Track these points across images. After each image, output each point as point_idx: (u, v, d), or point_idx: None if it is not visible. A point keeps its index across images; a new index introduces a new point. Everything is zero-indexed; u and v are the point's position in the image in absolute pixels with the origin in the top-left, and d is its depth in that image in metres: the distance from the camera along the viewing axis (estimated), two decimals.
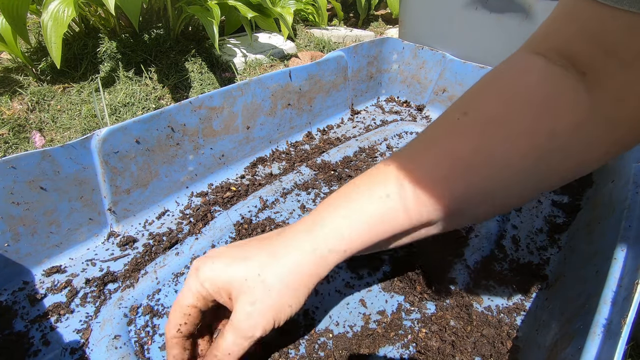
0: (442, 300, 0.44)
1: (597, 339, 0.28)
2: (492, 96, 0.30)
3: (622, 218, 0.39)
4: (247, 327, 0.29)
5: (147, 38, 1.21)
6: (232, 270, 0.30)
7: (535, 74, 0.29)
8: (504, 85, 0.30)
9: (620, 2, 0.23)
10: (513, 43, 0.75)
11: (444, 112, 0.33)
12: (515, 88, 0.29)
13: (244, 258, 0.30)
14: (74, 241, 0.49)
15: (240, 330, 0.29)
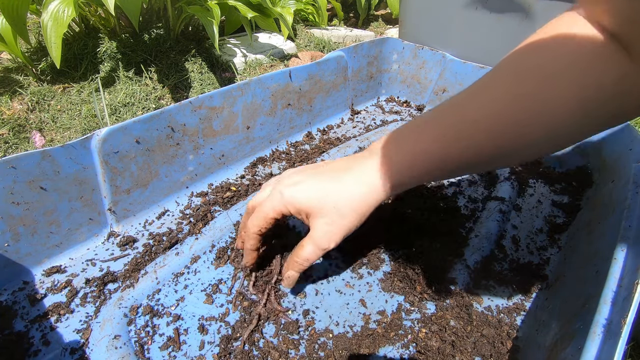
0: (442, 300, 0.44)
1: (597, 339, 0.28)
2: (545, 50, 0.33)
3: (622, 218, 0.39)
4: (324, 241, 0.38)
5: (147, 38, 1.21)
6: (313, 198, 0.37)
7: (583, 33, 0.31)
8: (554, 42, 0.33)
9: None
10: (513, 43, 0.75)
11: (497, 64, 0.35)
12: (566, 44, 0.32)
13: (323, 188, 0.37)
14: (74, 241, 0.49)
15: (318, 243, 0.38)
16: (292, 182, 0.39)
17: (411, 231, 0.53)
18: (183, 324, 0.41)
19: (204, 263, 0.48)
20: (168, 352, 0.39)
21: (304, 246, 0.39)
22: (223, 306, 0.43)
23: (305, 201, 0.37)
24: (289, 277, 0.41)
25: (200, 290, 0.45)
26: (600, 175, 0.60)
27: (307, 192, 0.38)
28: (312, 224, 0.38)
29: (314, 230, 0.38)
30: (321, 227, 0.37)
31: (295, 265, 0.40)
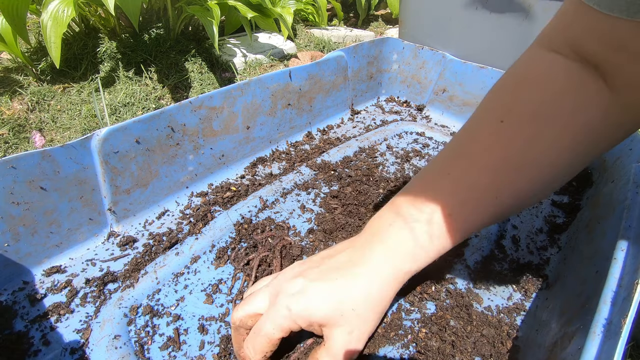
0: (442, 300, 0.44)
1: (597, 339, 0.28)
2: (524, 98, 0.32)
3: (622, 218, 0.39)
4: (345, 353, 0.32)
5: (147, 38, 1.21)
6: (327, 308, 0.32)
7: (559, 72, 0.31)
8: (533, 86, 0.32)
9: (612, 10, 0.25)
10: (513, 43, 0.75)
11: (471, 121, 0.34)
12: (545, 87, 0.31)
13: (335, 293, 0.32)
14: (74, 241, 0.49)
15: (338, 356, 0.32)
16: (296, 290, 0.33)
17: None
18: (183, 324, 0.41)
19: (204, 263, 0.48)
20: (168, 352, 0.39)
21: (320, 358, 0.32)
22: (223, 306, 0.43)
23: (318, 312, 0.32)
24: None
25: (200, 290, 0.45)
26: (600, 175, 0.60)
27: (319, 301, 0.32)
28: (329, 335, 0.32)
29: (332, 341, 0.32)
30: (340, 339, 0.32)
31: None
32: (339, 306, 0.32)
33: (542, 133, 0.30)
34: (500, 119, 0.32)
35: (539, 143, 0.31)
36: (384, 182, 0.62)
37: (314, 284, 0.33)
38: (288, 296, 0.32)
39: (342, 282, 0.33)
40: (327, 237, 0.52)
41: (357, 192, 0.60)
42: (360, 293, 0.32)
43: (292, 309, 0.32)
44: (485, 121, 0.34)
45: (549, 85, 0.31)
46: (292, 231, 0.53)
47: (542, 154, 0.31)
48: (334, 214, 0.55)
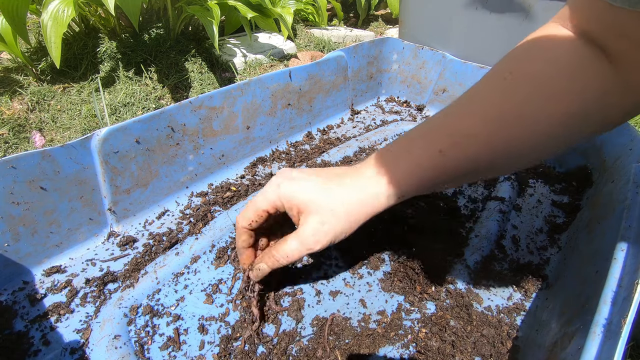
0: (442, 300, 0.44)
1: (597, 339, 0.28)
2: (529, 62, 0.34)
3: (622, 218, 0.39)
4: (311, 240, 0.36)
5: (147, 38, 1.21)
6: (310, 194, 0.36)
7: (566, 45, 0.33)
8: (539, 52, 0.34)
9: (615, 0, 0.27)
10: (513, 43, 0.75)
11: (489, 73, 0.36)
12: (550, 54, 0.33)
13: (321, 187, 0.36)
14: (74, 241, 0.49)
15: (305, 241, 0.36)
16: (290, 177, 0.38)
17: (411, 231, 0.53)
18: (183, 324, 0.41)
19: (204, 263, 0.48)
20: (168, 352, 0.39)
21: (287, 241, 0.37)
22: (223, 306, 0.43)
23: (300, 196, 0.36)
24: (259, 269, 0.39)
25: (200, 290, 0.45)
26: (600, 175, 0.60)
27: (304, 188, 0.36)
28: (302, 221, 0.36)
29: (302, 227, 0.36)
30: (311, 226, 0.36)
31: (271, 259, 0.38)
32: (321, 199, 0.36)
33: (539, 94, 0.32)
34: (503, 77, 0.34)
35: (534, 102, 0.32)
36: None
37: (306, 177, 0.37)
38: (281, 177, 0.38)
39: (329, 184, 0.37)
40: None
41: None
42: (342, 197, 0.36)
43: (281, 187, 0.37)
44: (490, 78, 0.36)
45: (554, 52, 0.33)
46: None
47: (535, 114, 0.32)
48: None
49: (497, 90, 0.34)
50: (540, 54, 0.34)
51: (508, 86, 0.34)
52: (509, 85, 0.33)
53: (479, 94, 0.36)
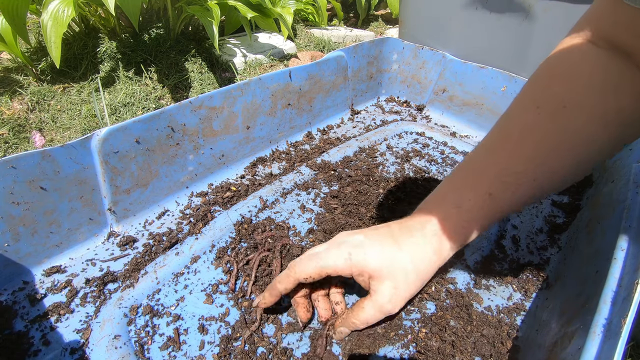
0: (442, 300, 0.44)
1: (597, 339, 0.28)
2: (559, 85, 0.34)
3: (622, 218, 0.39)
4: (389, 306, 0.37)
5: (147, 38, 1.21)
6: (381, 261, 0.36)
7: (589, 60, 0.33)
8: (565, 74, 0.34)
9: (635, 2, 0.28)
10: (513, 43, 0.75)
11: (512, 107, 0.37)
12: (576, 76, 0.33)
13: (389, 252, 0.37)
14: (74, 241, 0.49)
15: (383, 307, 0.37)
16: (357, 242, 0.37)
17: None
18: (183, 324, 0.41)
19: (204, 263, 0.48)
20: (168, 352, 0.39)
21: (364, 308, 0.37)
22: (223, 306, 0.43)
23: (373, 263, 0.36)
24: (341, 333, 0.39)
25: (200, 290, 0.45)
26: (600, 175, 0.60)
27: (375, 255, 0.36)
28: (375, 287, 0.37)
29: (378, 293, 0.36)
30: (387, 292, 0.36)
31: (352, 325, 0.38)
32: (391, 263, 0.36)
33: (573, 121, 0.33)
34: (536, 106, 0.35)
35: (571, 130, 0.33)
36: (384, 182, 0.62)
37: (372, 241, 0.37)
38: (350, 245, 0.37)
39: (396, 246, 0.37)
40: (327, 237, 0.52)
41: (357, 192, 0.60)
42: (411, 258, 0.37)
43: (352, 256, 0.36)
44: (520, 113, 0.37)
45: (576, 75, 0.33)
46: (292, 231, 0.53)
47: (574, 140, 0.33)
48: (334, 214, 0.55)
49: (532, 125, 0.35)
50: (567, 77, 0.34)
51: (541, 119, 0.34)
52: (542, 118, 0.34)
53: (515, 129, 0.36)
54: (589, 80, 0.32)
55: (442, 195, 0.40)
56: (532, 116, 0.35)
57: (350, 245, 0.37)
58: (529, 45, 0.73)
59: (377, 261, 0.36)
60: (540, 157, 0.34)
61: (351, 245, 0.37)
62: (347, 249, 0.37)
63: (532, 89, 0.37)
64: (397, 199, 0.59)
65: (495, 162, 0.37)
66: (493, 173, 0.36)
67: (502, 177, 0.35)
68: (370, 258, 0.36)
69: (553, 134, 0.33)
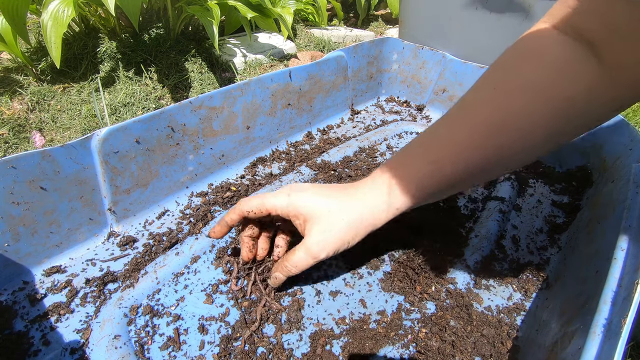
0: (442, 300, 0.44)
1: (597, 339, 0.28)
2: (517, 69, 0.35)
3: (622, 218, 0.39)
4: (316, 249, 0.38)
5: (147, 38, 1.21)
6: (315, 204, 0.38)
7: (553, 44, 0.33)
8: (527, 58, 0.35)
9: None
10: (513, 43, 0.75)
11: (472, 87, 0.38)
12: (537, 60, 0.34)
13: (327, 197, 0.39)
14: (74, 241, 0.49)
15: (310, 250, 0.38)
16: (301, 188, 0.40)
17: (411, 231, 0.53)
18: (183, 324, 0.41)
19: (204, 263, 0.48)
20: (168, 352, 0.39)
21: (295, 251, 0.39)
22: (223, 306, 0.43)
23: (307, 205, 0.38)
24: (275, 278, 0.42)
25: (200, 290, 0.45)
26: (600, 175, 0.60)
27: (311, 198, 0.38)
28: (308, 230, 0.38)
29: (308, 236, 0.38)
30: (316, 235, 0.38)
31: (284, 269, 0.40)
32: (324, 207, 0.38)
33: (527, 101, 0.33)
34: (493, 87, 0.36)
35: (523, 110, 0.33)
36: None
37: (317, 189, 0.40)
38: (294, 189, 0.40)
39: (334, 196, 0.39)
40: None
41: None
42: (345, 208, 0.38)
43: (291, 196, 0.39)
44: (480, 88, 0.37)
45: (539, 56, 0.34)
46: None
47: (524, 121, 0.33)
48: None
49: (486, 100, 0.36)
50: (527, 59, 0.35)
51: (496, 96, 0.35)
52: (497, 96, 0.35)
53: (469, 104, 0.38)
54: (551, 61, 0.33)
55: (393, 158, 0.41)
56: (487, 94, 0.36)
57: (294, 189, 0.40)
58: None
59: (312, 205, 0.38)
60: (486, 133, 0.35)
61: (295, 189, 0.40)
62: (290, 191, 0.39)
63: (494, 68, 0.38)
64: None
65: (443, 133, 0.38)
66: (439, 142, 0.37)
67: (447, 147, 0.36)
68: (307, 201, 0.38)
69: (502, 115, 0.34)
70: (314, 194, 0.39)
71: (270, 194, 0.40)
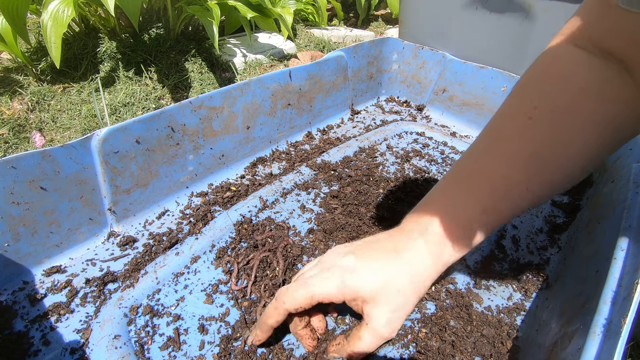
0: (442, 300, 0.44)
1: (597, 339, 0.28)
2: (549, 95, 0.33)
3: (622, 218, 0.39)
4: (387, 331, 0.34)
5: (147, 38, 1.21)
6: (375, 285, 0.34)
7: (582, 68, 0.32)
8: (557, 82, 0.33)
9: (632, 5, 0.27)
10: (513, 43, 0.75)
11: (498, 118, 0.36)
12: (569, 84, 0.33)
13: (382, 270, 0.34)
14: (74, 241, 0.49)
15: (379, 333, 0.34)
16: (348, 265, 0.35)
17: None
18: (183, 324, 0.41)
19: (204, 263, 0.48)
20: (168, 352, 0.39)
21: (361, 337, 0.34)
22: (223, 306, 0.43)
23: (367, 288, 0.34)
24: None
25: (200, 290, 0.45)
26: (600, 175, 0.60)
27: (369, 278, 0.34)
28: (370, 312, 0.34)
29: (374, 319, 0.34)
30: (384, 316, 0.34)
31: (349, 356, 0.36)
32: (386, 285, 0.34)
33: (568, 128, 0.32)
34: (528, 116, 0.34)
35: (566, 137, 0.32)
36: (384, 182, 0.62)
37: (364, 262, 0.35)
38: (342, 269, 0.35)
39: (389, 264, 0.35)
40: (327, 237, 0.52)
41: (357, 192, 0.60)
42: (406, 276, 0.34)
43: (346, 282, 0.34)
44: (513, 118, 0.35)
45: (572, 81, 0.32)
46: (292, 231, 0.53)
47: (569, 148, 0.32)
48: (334, 214, 0.55)
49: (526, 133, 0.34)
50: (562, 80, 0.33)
51: (535, 126, 0.33)
52: (536, 126, 0.33)
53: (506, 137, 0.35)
54: (585, 85, 0.32)
55: (435, 201, 0.38)
56: (523, 123, 0.34)
57: (342, 269, 0.35)
58: (529, 45, 0.73)
59: (372, 285, 0.34)
60: (534, 167, 0.33)
61: (343, 269, 0.35)
62: (340, 274, 0.34)
63: (523, 94, 0.36)
64: (397, 199, 0.59)
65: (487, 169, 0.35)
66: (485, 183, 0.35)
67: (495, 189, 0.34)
68: (364, 282, 0.34)
69: (547, 142, 0.33)
70: (367, 272, 0.34)
71: (316, 278, 0.35)
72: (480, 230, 0.35)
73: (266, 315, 0.36)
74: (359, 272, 0.34)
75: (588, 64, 0.32)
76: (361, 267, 0.35)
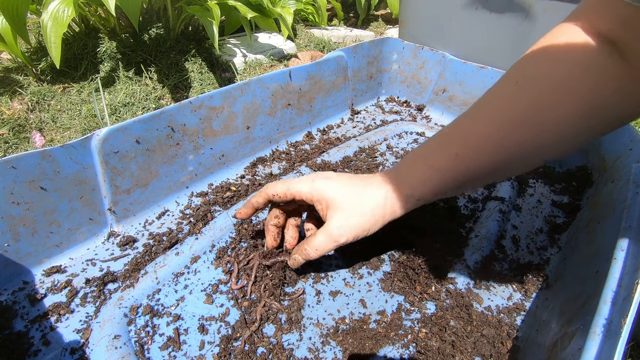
0: (442, 300, 0.44)
1: (597, 339, 0.28)
2: (544, 61, 0.35)
3: (622, 218, 0.39)
4: (337, 234, 0.39)
5: (147, 38, 1.21)
6: (338, 191, 0.40)
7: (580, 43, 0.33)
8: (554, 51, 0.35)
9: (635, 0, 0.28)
10: (513, 43, 0.75)
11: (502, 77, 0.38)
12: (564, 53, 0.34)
13: (350, 186, 0.40)
14: (74, 241, 0.49)
15: (331, 235, 0.39)
16: (325, 176, 0.42)
17: (411, 231, 0.53)
18: (183, 324, 0.41)
19: (204, 263, 0.48)
20: (168, 352, 0.39)
21: (316, 235, 0.40)
22: (223, 306, 0.43)
23: (330, 192, 0.40)
24: (294, 260, 0.43)
25: (200, 290, 0.45)
26: (600, 175, 0.60)
27: (335, 186, 0.40)
28: (330, 216, 0.40)
29: (330, 221, 0.39)
30: (338, 220, 0.39)
31: (304, 252, 0.41)
32: (348, 197, 0.39)
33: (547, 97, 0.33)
34: (515, 81, 0.36)
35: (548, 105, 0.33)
36: None
37: (340, 178, 0.41)
38: (318, 176, 0.42)
39: (357, 185, 0.40)
40: None
41: None
42: (367, 197, 0.39)
43: (315, 181, 0.41)
44: (502, 83, 0.37)
45: (565, 52, 0.34)
46: None
47: (549, 114, 0.33)
48: None
49: (507, 95, 0.36)
50: (551, 55, 0.35)
51: (518, 90, 0.35)
52: (519, 90, 0.35)
53: (491, 99, 0.38)
54: (578, 61, 0.33)
55: (415, 150, 0.42)
56: (508, 88, 0.36)
57: (319, 176, 0.42)
58: (529, 45, 0.72)
59: (335, 192, 0.39)
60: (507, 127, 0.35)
61: (320, 176, 0.41)
62: (314, 178, 0.41)
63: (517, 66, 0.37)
64: None
65: (464, 126, 0.38)
66: (460, 136, 0.38)
67: (468, 140, 0.37)
68: (330, 188, 0.40)
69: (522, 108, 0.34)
70: (338, 182, 0.40)
71: (296, 179, 0.42)
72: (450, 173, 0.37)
73: (252, 197, 0.44)
74: (329, 181, 0.41)
75: (583, 40, 0.33)
76: (334, 178, 0.41)
